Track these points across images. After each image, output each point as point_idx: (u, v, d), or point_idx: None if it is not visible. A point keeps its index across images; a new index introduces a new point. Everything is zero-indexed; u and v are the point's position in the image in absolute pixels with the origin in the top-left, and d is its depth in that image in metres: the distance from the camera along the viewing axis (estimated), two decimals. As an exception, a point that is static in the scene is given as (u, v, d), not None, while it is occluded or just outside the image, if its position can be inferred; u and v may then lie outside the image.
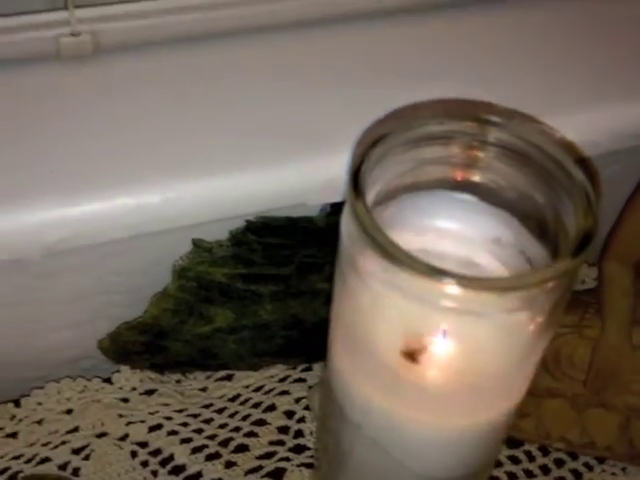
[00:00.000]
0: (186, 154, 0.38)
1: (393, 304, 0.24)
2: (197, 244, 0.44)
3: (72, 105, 0.38)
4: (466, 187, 0.27)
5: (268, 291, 0.45)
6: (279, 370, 0.48)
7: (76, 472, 0.43)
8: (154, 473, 0.43)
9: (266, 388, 0.48)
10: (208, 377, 0.48)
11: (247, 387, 0.48)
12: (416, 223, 0.26)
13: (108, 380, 0.47)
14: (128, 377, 0.47)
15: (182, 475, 0.43)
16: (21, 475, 0.43)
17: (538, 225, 0.26)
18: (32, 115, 0.38)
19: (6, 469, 0.43)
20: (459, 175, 0.27)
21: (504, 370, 0.24)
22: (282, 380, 0.48)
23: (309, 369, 0.48)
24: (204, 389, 0.47)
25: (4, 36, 0.37)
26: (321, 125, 0.38)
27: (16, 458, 0.43)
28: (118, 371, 0.47)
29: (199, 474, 0.44)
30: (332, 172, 0.37)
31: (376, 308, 0.24)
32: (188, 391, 0.47)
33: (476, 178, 0.27)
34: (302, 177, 0.38)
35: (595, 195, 0.23)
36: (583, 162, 0.24)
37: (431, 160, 0.26)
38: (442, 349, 0.24)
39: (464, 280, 0.21)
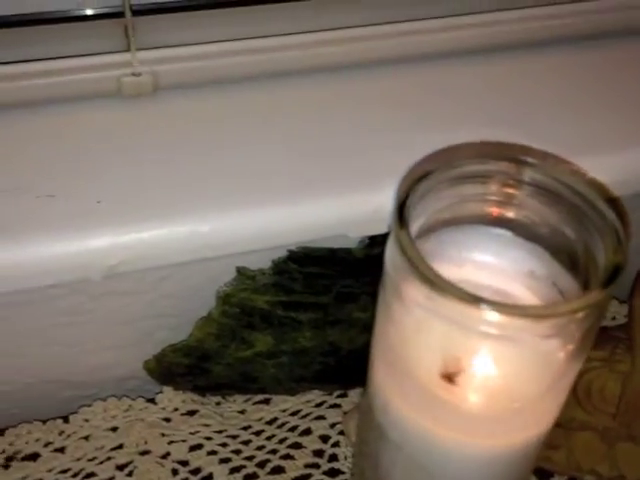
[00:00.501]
0: (235, 187, 0.40)
1: (433, 329, 0.25)
2: (241, 272, 0.46)
3: (133, 139, 0.41)
4: (502, 223, 0.29)
5: (307, 318, 0.47)
6: (315, 395, 0.50)
7: (120, 487, 0.45)
8: (194, 491, 0.45)
9: (302, 412, 0.49)
10: (247, 400, 0.50)
11: (284, 411, 0.49)
12: (455, 256, 0.28)
13: (152, 400, 0.49)
14: (171, 398, 0.49)
15: (220, 494, 0.45)
16: (68, 488, 0.45)
17: (570, 259, 0.28)
18: (96, 147, 0.40)
19: (54, 482, 0.45)
20: (495, 211, 0.28)
21: (536, 395, 0.26)
22: (318, 405, 0.50)
23: (344, 395, 0.50)
24: (243, 411, 0.49)
25: (72, 75, 0.40)
26: (365, 160, 0.40)
27: (63, 472, 0.45)
28: (161, 392, 0.49)
29: (237, 493, 0.45)
30: (374, 206, 0.39)
31: (417, 333, 0.26)
32: (227, 413, 0.49)
33: (511, 214, 0.28)
34: (345, 209, 0.40)
35: (624, 232, 0.25)
36: (614, 201, 0.26)
37: (470, 197, 0.28)
38: (478, 372, 0.26)
39: (501, 307, 0.23)
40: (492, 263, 0.29)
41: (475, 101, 0.45)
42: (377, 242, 0.46)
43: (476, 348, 0.25)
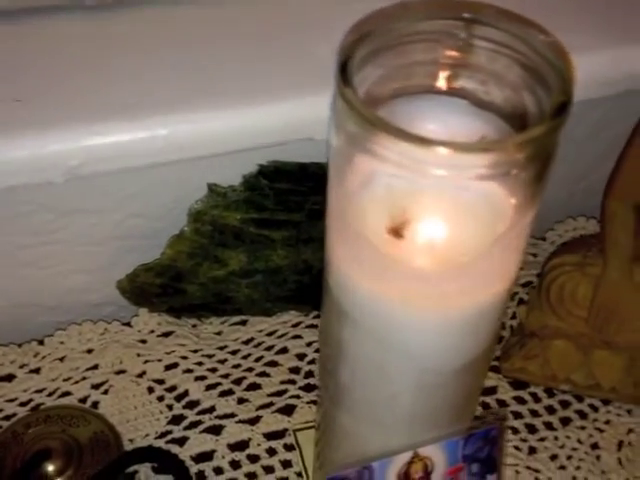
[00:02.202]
0: (196, 90, 0.40)
1: (378, 183, 0.25)
2: (212, 189, 0.46)
3: (96, 46, 0.41)
4: (451, 90, 0.29)
5: (280, 236, 0.47)
6: (292, 316, 0.50)
7: (95, 405, 0.45)
8: (169, 407, 0.45)
9: (279, 332, 0.49)
10: (223, 322, 0.50)
11: (261, 331, 0.49)
12: (406, 127, 0.28)
13: (128, 324, 0.49)
14: (147, 320, 0.49)
15: (196, 409, 0.45)
16: (43, 407, 0.45)
17: (521, 123, 0.28)
18: (60, 54, 0.40)
19: (29, 401, 0.45)
20: (444, 78, 0.28)
21: (484, 248, 0.26)
22: (295, 326, 0.50)
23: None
24: (219, 333, 0.49)
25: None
26: (324, 61, 0.40)
27: (39, 392, 0.46)
28: (137, 315, 0.49)
29: (212, 408, 0.45)
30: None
31: (363, 190, 0.26)
32: (204, 334, 0.49)
33: (460, 80, 0.28)
34: (307, 111, 0.39)
35: (568, 74, 0.25)
36: (554, 46, 0.25)
37: (417, 63, 0.28)
38: (425, 225, 0.25)
39: (444, 143, 0.23)
40: (443, 132, 0.28)
41: None
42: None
43: (421, 197, 0.25)
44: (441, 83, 0.29)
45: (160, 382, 0.46)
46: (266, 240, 0.47)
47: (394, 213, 0.25)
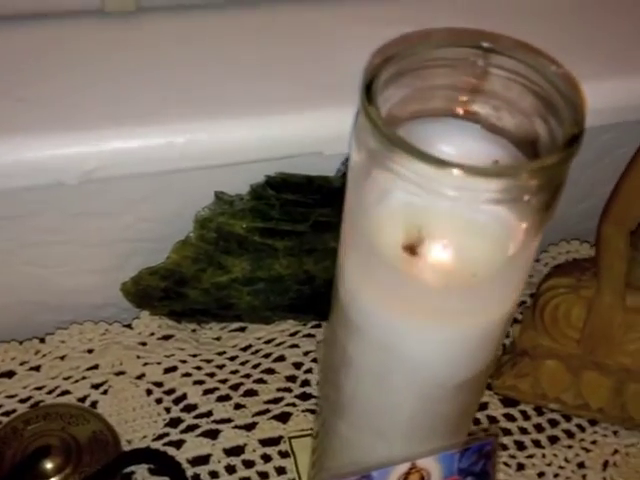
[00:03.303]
0: (213, 100, 0.41)
1: (395, 199, 0.26)
2: (219, 196, 0.47)
3: (114, 52, 0.42)
4: (467, 115, 0.30)
5: (283, 246, 0.48)
6: (290, 325, 0.51)
7: (94, 405, 0.46)
8: (167, 409, 0.46)
9: (277, 341, 0.50)
10: (222, 328, 0.50)
11: (259, 339, 0.50)
12: (422, 147, 0.29)
13: (129, 326, 0.50)
14: (147, 323, 0.50)
15: (194, 413, 0.46)
16: (42, 404, 0.45)
17: (533, 149, 0.29)
18: (78, 59, 0.41)
19: (29, 398, 0.46)
20: (461, 103, 0.29)
21: (495, 268, 0.27)
22: (293, 335, 0.51)
23: (319, 326, 0.51)
24: (218, 338, 0.50)
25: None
26: (338, 76, 0.41)
27: (38, 389, 0.46)
28: (138, 318, 0.50)
29: (210, 413, 0.46)
30: (348, 124, 0.40)
31: (380, 206, 0.27)
32: (203, 339, 0.50)
33: (476, 106, 0.29)
34: (318, 125, 0.41)
35: (581, 108, 0.26)
36: (568, 79, 0.27)
37: (435, 87, 0.29)
38: (439, 244, 0.27)
39: (461, 166, 0.24)
40: (458, 154, 0.30)
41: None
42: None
43: (435, 216, 0.26)
44: (457, 107, 0.30)
45: (159, 385, 0.47)
46: (269, 249, 0.48)
47: (410, 231, 0.27)
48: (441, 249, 0.27)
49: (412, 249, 0.27)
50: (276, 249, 0.48)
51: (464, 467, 0.34)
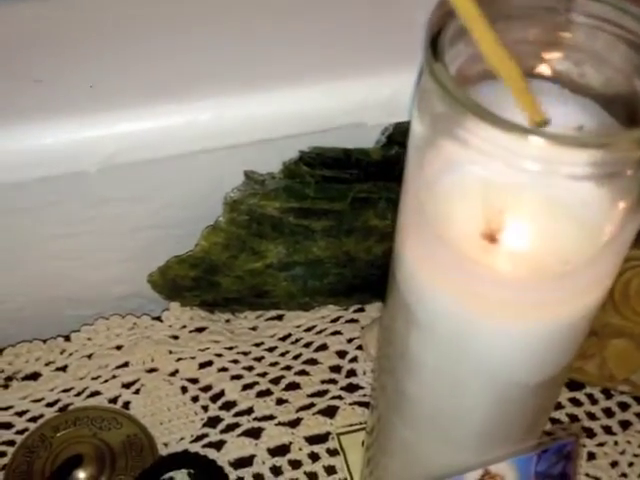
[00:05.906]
0: (239, 72, 0.37)
1: (468, 179, 0.22)
2: (249, 176, 0.43)
3: (128, 24, 0.38)
4: (548, 75, 0.26)
5: (321, 227, 0.44)
6: (330, 311, 0.47)
7: (126, 406, 0.43)
8: (205, 408, 0.43)
9: (317, 328, 0.47)
10: (258, 317, 0.47)
11: (298, 327, 0.47)
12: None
13: (158, 318, 0.46)
14: (178, 315, 0.46)
15: (233, 410, 0.43)
16: (71, 407, 0.42)
17: (625, 111, 0.25)
18: (90, 34, 0.37)
19: (56, 401, 0.43)
20: (540, 61, 0.25)
21: (592, 256, 0.23)
22: (334, 321, 0.47)
23: (362, 310, 0.47)
24: (254, 328, 0.46)
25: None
26: (380, 42, 0.37)
27: (66, 391, 0.43)
28: (167, 309, 0.46)
29: (250, 410, 0.43)
30: (394, 90, 0.36)
31: (450, 186, 0.23)
32: (238, 330, 0.46)
33: (558, 63, 0.25)
34: (360, 93, 0.36)
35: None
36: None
37: (512, 42, 0.25)
38: (519, 228, 0.23)
39: (552, 136, 0.20)
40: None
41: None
42: (395, 142, 0.43)
43: (515, 195, 0.22)
44: (535, 64, 0.25)
45: (194, 381, 0.44)
46: (306, 231, 0.44)
47: (488, 213, 0.23)
48: (524, 234, 0.23)
49: (491, 235, 0.23)
50: (313, 230, 0.44)
51: (542, 470, 0.31)
